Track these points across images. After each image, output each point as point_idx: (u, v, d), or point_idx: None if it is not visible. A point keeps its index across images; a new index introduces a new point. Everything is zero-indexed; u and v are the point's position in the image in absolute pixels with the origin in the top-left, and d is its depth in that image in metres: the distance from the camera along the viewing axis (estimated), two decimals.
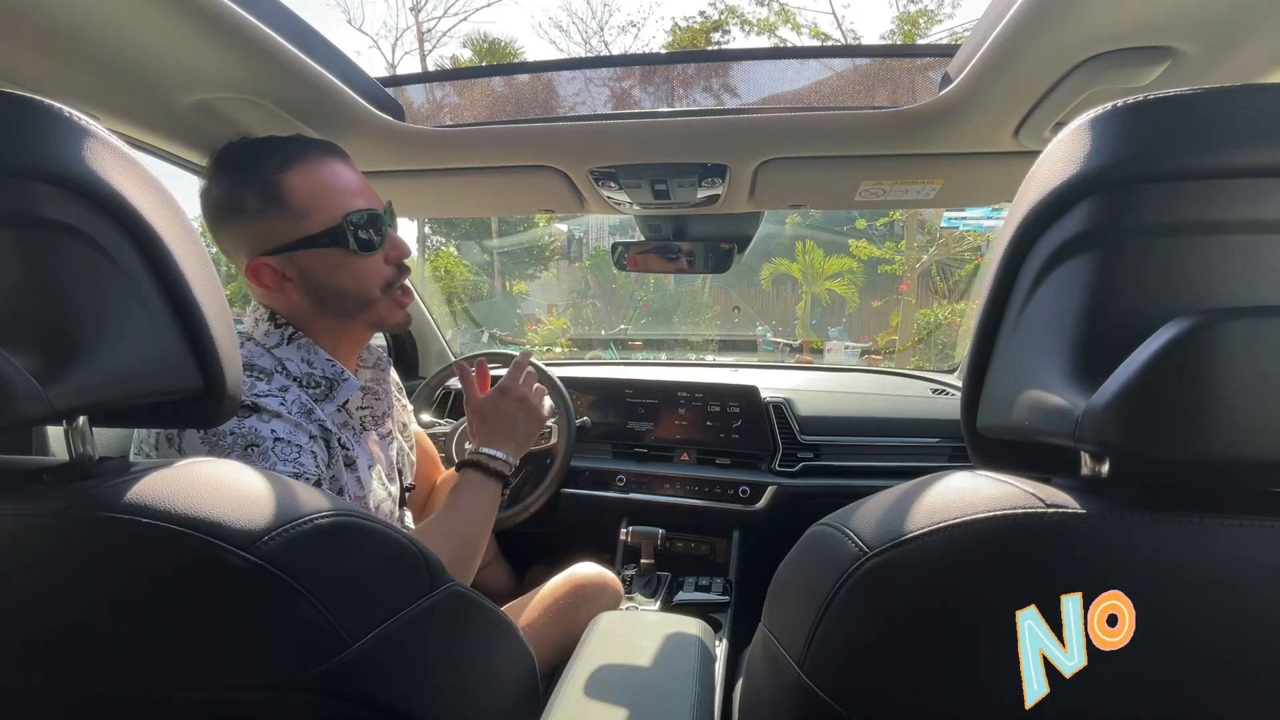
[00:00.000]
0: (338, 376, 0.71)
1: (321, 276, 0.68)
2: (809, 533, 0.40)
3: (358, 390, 0.73)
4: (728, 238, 1.18)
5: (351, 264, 0.68)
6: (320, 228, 0.66)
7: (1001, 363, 0.37)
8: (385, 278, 0.71)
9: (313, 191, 0.66)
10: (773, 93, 0.91)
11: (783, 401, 1.35)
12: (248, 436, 0.60)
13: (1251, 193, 0.29)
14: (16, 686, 0.33)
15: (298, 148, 0.67)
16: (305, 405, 0.66)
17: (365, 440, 0.76)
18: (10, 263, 0.33)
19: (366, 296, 0.70)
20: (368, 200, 0.70)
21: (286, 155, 0.66)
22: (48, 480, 0.36)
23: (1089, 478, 0.33)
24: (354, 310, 0.70)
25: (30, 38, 0.58)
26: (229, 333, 0.42)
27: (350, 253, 0.67)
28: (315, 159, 0.67)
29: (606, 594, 0.96)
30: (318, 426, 0.67)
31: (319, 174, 0.67)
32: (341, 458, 0.69)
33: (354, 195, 0.68)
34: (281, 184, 0.65)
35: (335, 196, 0.67)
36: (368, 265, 0.69)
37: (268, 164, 0.66)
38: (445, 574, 0.42)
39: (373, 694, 0.35)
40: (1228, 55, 0.61)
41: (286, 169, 0.66)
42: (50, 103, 0.34)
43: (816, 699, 0.33)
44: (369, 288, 0.70)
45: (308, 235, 0.66)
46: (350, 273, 0.68)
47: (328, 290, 0.69)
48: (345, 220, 0.66)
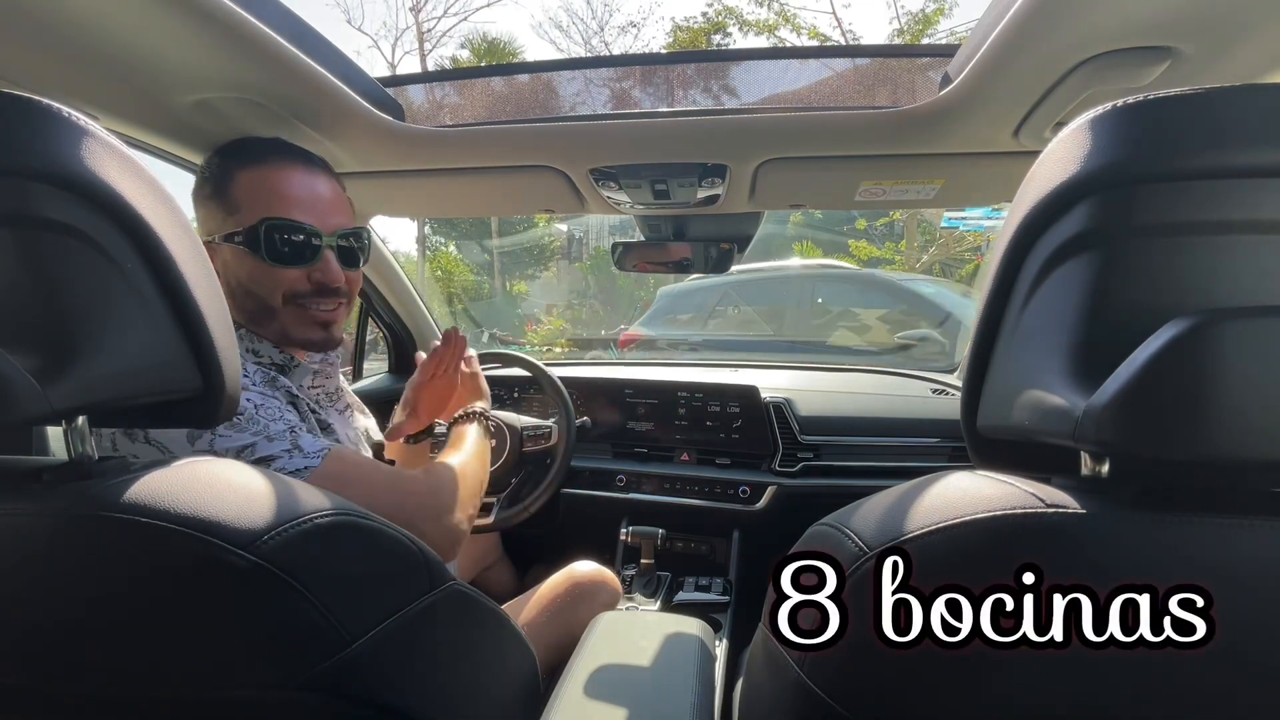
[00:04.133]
0: (287, 362, 0.72)
1: (232, 273, 0.68)
2: (809, 533, 0.40)
3: (310, 373, 0.75)
4: (728, 238, 1.18)
5: (258, 269, 0.67)
6: (240, 226, 0.66)
7: (1001, 363, 0.37)
8: (290, 288, 0.69)
9: (252, 190, 0.67)
10: (773, 93, 0.91)
11: (783, 401, 1.35)
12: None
13: (1252, 193, 0.29)
14: (15, 686, 0.33)
15: (268, 150, 0.69)
16: (267, 375, 0.68)
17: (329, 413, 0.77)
18: (9, 263, 0.33)
19: (267, 302, 0.69)
20: (310, 215, 0.68)
21: (255, 154, 0.68)
22: (47, 480, 0.36)
23: (1089, 478, 0.33)
24: (258, 316, 0.70)
25: (30, 38, 0.58)
26: (228, 332, 0.42)
27: (257, 257, 0.66)
28: (277, 163, 0.68)
29: (604, 591, 0.97)
30: (284, 393, 0.67)
31: (269, 177, 0.67)
32: (315, 421, 0.70)
33: (289, 204, 0.67)
34: (232, 177, 0.67)
35: (268, 200, 0.67)
36: (272, 274, 0.67)
37: (237, 157, 0.68)
38: (445, 573, 0.42)
39: (373, 692, 0.35)
40: (1228, 55, 0.61)
41: (245, 165, 0.67)
42: (50, 103, 0.34)
43: (816, 699, 0.33)
44: (269, 296, 0.68)
45: (229, 231, 0.67)
46: (255, 277, 0.67)
47: (236, 288, 0.69)
48: (261, 223, 0.66)
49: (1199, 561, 0.28)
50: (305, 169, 0.70)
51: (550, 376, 1.28)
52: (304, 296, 0.70)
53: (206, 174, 0.69)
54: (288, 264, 0.67)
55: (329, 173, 0.73)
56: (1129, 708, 0.28)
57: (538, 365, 1.32)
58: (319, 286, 0.70)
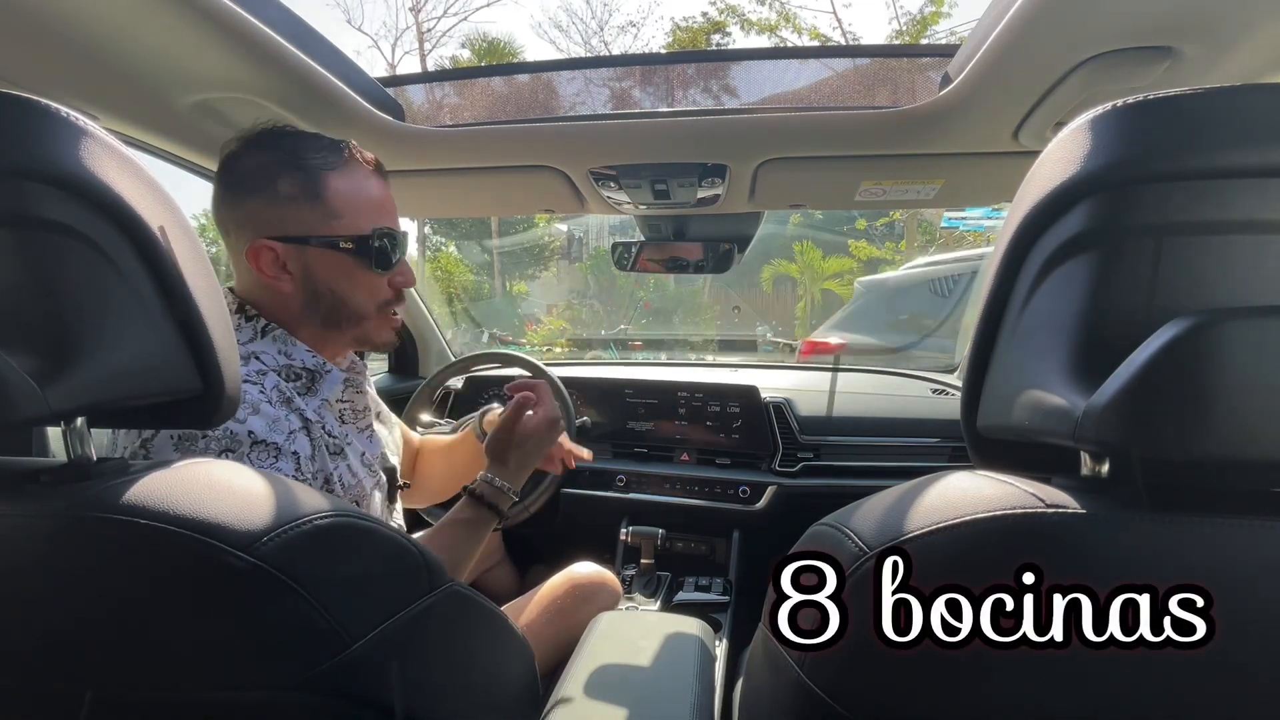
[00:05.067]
0: (319, 368, 0.70)
1: (324, 278, 0.68)
2: (809, 533, 0.40)
3: (341, 383, 0.73)
4: (728, 238, 1.18)
5: (359, 276, 0.69)
6: (348, 233, 0.67)
7: (1001, 363, 0.37)
8: (384, 298, 0.72)
9: (352, 197, 0.67)
10: (773, 93, 0.91)
11: (783, 401, 1.35)
12: (223, 440, 0.58)
13: (1251, 193, 0.29)
14: (14, 687, 0.33)
15: (346, 153, 0.69)
16: (284, 393, 0.66)
17: (349, 431, 0.75)
18: (8, 263, 0.33)
19: (362, 311, 0.71)
20: (394, 222, 0.72)
21: (335, 155, 0.67)
22: (45, 481, 0.36)
23: (1089, 478, 0.33)
24: (343, 321, 0.71)
25: (30, 38, 0.58)
26: (227, 333, 0.42)
27: (364, 265, 0.68)
28: (359, 169, 0.69)
29: (604, 593, 0.96)
30: (298, 417, 0.65)
31: (361, 183, 0.69)
32: (327, 446, 0.68)
33: (386, 213, 0.70)
34: (324, 179, 0.66)
35: (370, 208, 0.68)
36: (374, 282, 0.70)
37: (315, 156, 0.66)
38: (444, 574, 0.42)
39: (373, 693, 0.35)
40: (1228, 55, 0.61)
41: (335, 167, 0.67)
42: (49, 103, 0.34)
43: (816, 699, 0.33)
44: (367, 303, 0.71)
45: (332, 235, 0.66)
46: (355, 284, 0.69)
47: (325, 294, 0.68)
48: (374, 233, 0.68)
49: (1199, 561, 0.28)
50: (378, 174, 0.71)
51: (550, 376, 1.28)
52: (393, 303, 0.73)
53: (278, 169, 0.65)
54: (386, 270, 0.70)
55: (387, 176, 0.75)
56: (1129, 708, 0.28)
57: (538, 365, 1.32)
58: (398, 291, 0.73)
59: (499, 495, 0.79)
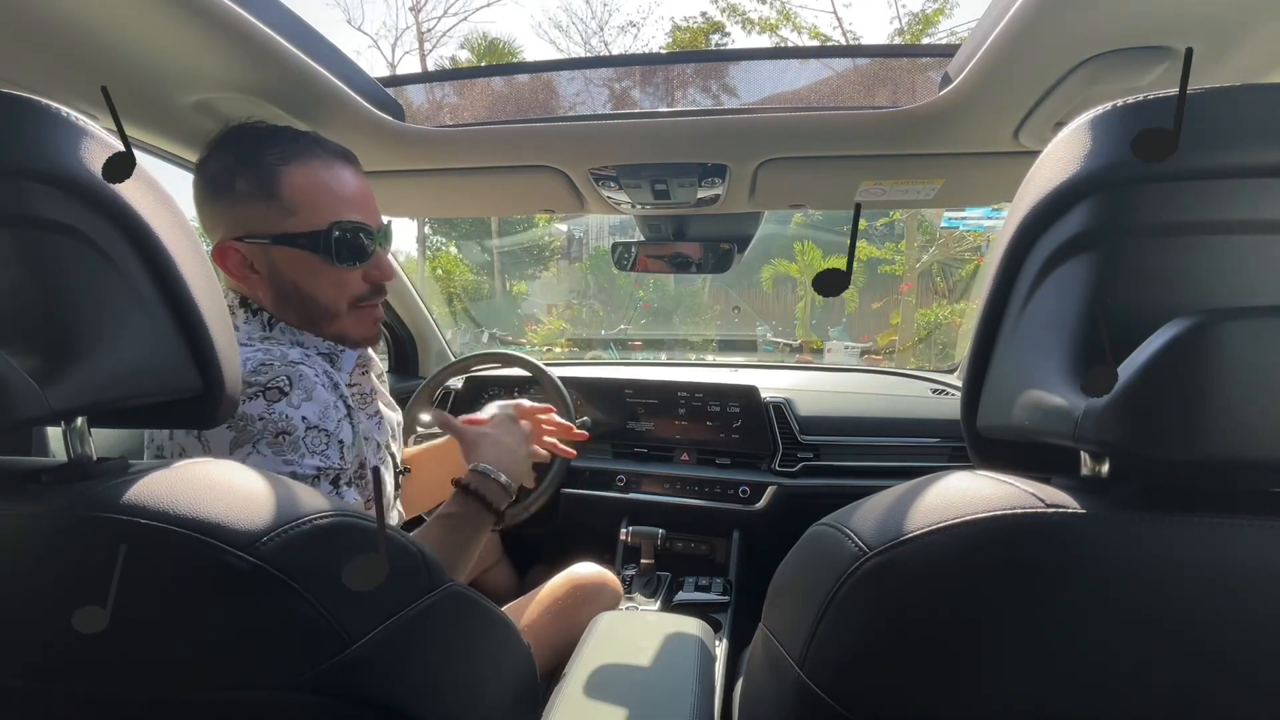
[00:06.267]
0: (333, 350, 0.69)
1: (290, 277, 0.66)
2: (809, 533, 0.40)
3: (354, 361, 0.72)
4: (728, 238, 1.17)
5: (325, 272, 0.66)
6: (304, 229, 0.64)
7: (1001, 363, 0.37)
8: (356, 293, 0.69)
9: (308, 190, 0.64)
10: (773, 93, 0.90)
11: (783, 401, 1.35)
12: (279, 423, 0.58)
13: (1251, 193, 0.29)
14: (14, 687, 0.33)
15: (307, 144, 0.66)
16: (331, 378, 0.64)
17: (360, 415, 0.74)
18: (8, 263, 0.33)
19: (332, 308, 0.68)
20: (363, 213, 0.67)
21: (294, 148, 0.65)
22: (46, 481, 0.36)
23: (1089, 478, 0.33)
24: (317, 318, 0.68)
25: (30, 38, 0.58)
26: (227, 333, 0.42)
27: (326, 261, 0.65)
28: (322, 160, 0.66)
29: (606, 594, 0.96)
30: (343, 404, 0.64)
31: (320, 175, 0.65)
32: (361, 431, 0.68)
33: (349, 205, 0.66)
34: (279, 175, 0.63)
35: (329, 201, 0.65)
36: (341, 277, 0.67)
37: (271, 152, 0.64)
38: (444, 574, 0.42)
39: (373, 694, 0.35)
40: (1228, 55, 0.61)
41: (289, 161, 0.64)
42: (49, 103, 0.34)
43: (816, 699, 0.33)
44: (336, 299, 0.68)
45: (288, 233, 0.64)
46: (321, 280, 0.66)
47: (293, 292, 0.66)
48: (331, 227, 0.64)
49: (1199, 562, 0.28)
50: (348, 164, 0.68)
51: (550, 376, 1.28)
52: (366, 297, 0.70)
53: (237, 168, 0.64)
54: (352, 265, 0.67)
55: (360, 165, 0.71)
56: (1129, 708, 0.28)
57: (538, 365, 1.32)
58: (375, 286, 0.70)
59: (486, 482, 0.76)
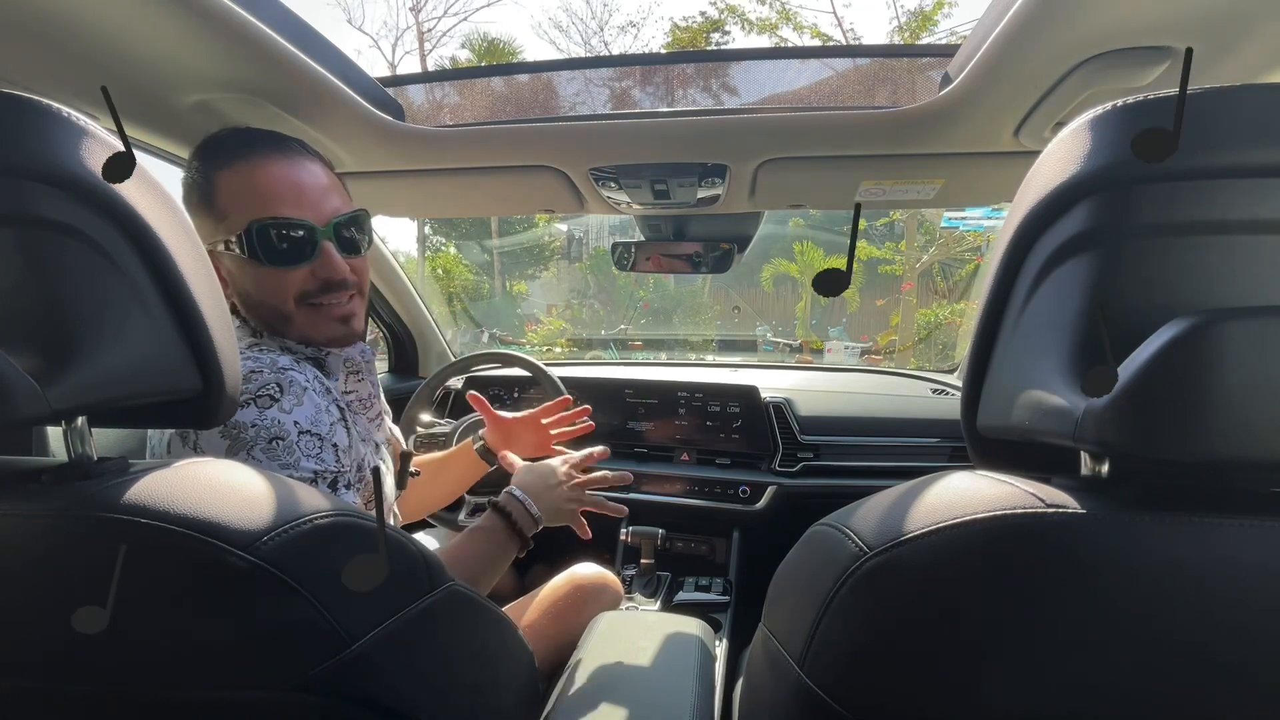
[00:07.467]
0: (318, 355, 0.68)
1: (241, 283, 0.64)
2: (809, 533, 0.40)
3: (341, 365, 0.70)
4: (728, 238, 1.17)
5: (261, 275, 0.63)
6: (230, 233, 0.61)
7: (1001, 363, 0.37)
8: (299, 290, 0.65)
9: (233, 194, 0.62)
10: (773, 92, 0.91)
11: (783, 401, 1.35)
12: (270, 429, 0.57)
13: (1251, 193, 0.29)
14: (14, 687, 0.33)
15: (242, 144, 0.63)
16: (323, 382, 0.64)
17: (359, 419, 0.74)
18: (9, 263, 0.33)
19: (280, 309, 0.65)
20: (295, 208, 0.63)
21: (230, 152, 0.62)
22: (46, 481, 0.36)
23: (1089, 478, 0.33)
24: (273, 322, 0.66)
25: (30, 38, 0.58)
26: (227, 333, 0.42)
27: (256, 263, 0.62)
28: (254, 158, 0.62)
29: (607, 594, 0.96)
30: (337, 408, 0.64)
31: (248, 175, 0.62)
32: (357, 433, 0.67)
33: (274, 202, 0.62)
34: (214, 182, 0.62)
35: (251, 201, 0.62)
36: (277, 278, 0.63)
37: (214, 158, 0.62)
38: (444, 574, 0.42)
39: (373, 693, 0.35)
40: (1228, 55, 0.61)
41: (223, 166, 0.62)
42: (49, 103, 0.34)
43: (816, 699, 0.33)
44: (281, 300, 0.64)
45: (222, 239, 0.62)
46: (259, 283, 0.64)
47: (246, 298, 0.65)
48: (249, 227, 0.61)
49: (1199, 562, 0.28)
50: (284, 158, 0.63)
51: (550, 376, 1.28)
52: (314, 295, 0.66)
53: (191, 181, 0.63)
54: (288, 264, 0.63)
55: (314, 157, 0.67)
56: (1128, 708, 0.28)
57: (538, 365, 1.32)
58: (325, 282, 0.66)
59: (515, 505, 0.76)
